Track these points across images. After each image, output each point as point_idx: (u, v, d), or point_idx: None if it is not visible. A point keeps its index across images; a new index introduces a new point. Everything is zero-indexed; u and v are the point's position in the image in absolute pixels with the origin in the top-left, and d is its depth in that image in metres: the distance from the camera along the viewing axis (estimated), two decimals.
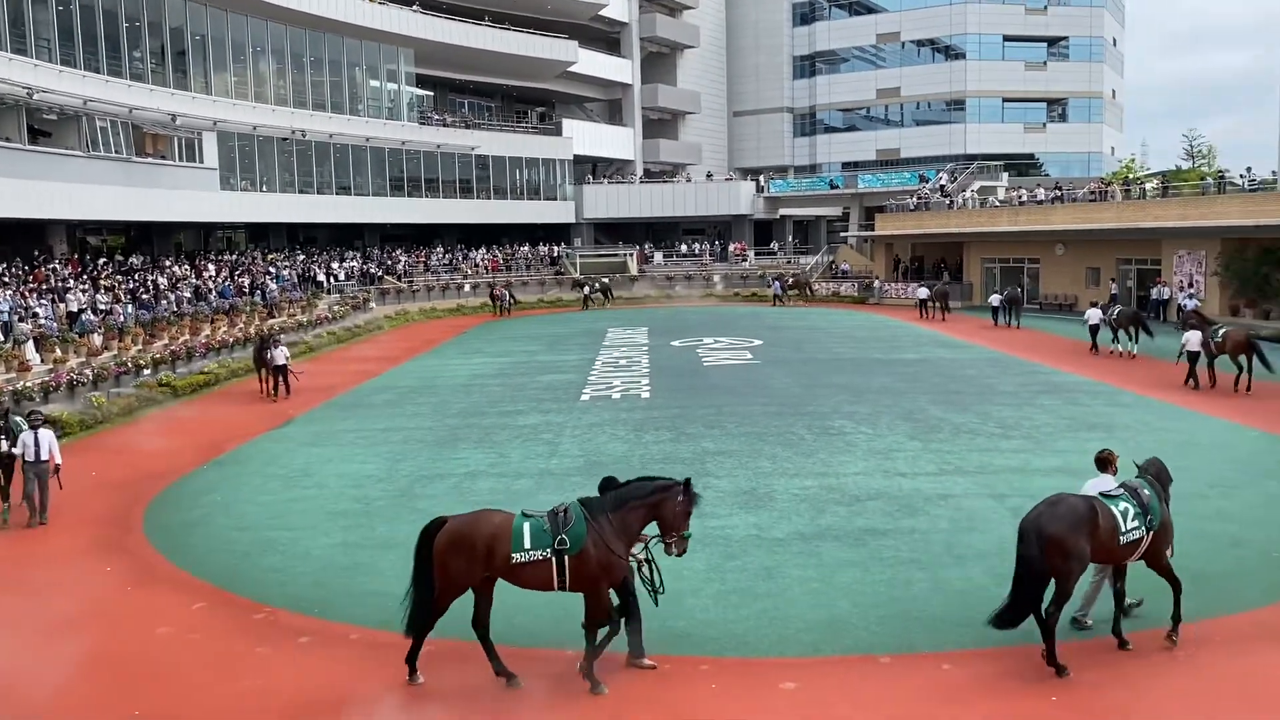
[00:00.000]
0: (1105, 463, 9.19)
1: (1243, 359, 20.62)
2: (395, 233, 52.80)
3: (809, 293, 49.00)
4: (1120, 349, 26.87)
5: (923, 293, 40.59)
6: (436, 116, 51.97)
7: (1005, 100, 64.35)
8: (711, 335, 34.17)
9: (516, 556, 7.89)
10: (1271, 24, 31.94)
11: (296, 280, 40.20)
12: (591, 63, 57.87)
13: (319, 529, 12.78)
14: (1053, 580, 8.03)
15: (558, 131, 57.34)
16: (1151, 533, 8.43)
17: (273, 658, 9.00)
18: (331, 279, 42.45)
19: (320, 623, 9.75)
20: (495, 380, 25.23)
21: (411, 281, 46.60)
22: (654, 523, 8.08)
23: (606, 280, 49.35)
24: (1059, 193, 43.29)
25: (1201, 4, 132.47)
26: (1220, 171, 40.64)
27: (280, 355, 23.41)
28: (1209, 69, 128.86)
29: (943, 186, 50.31)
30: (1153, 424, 17.91)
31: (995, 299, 36.90)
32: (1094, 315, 28.10)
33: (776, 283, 48.39)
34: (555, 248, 55.39)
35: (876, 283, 49.06)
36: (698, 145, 66.37)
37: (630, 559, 8.11)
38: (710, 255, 56.86)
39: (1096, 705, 7.55)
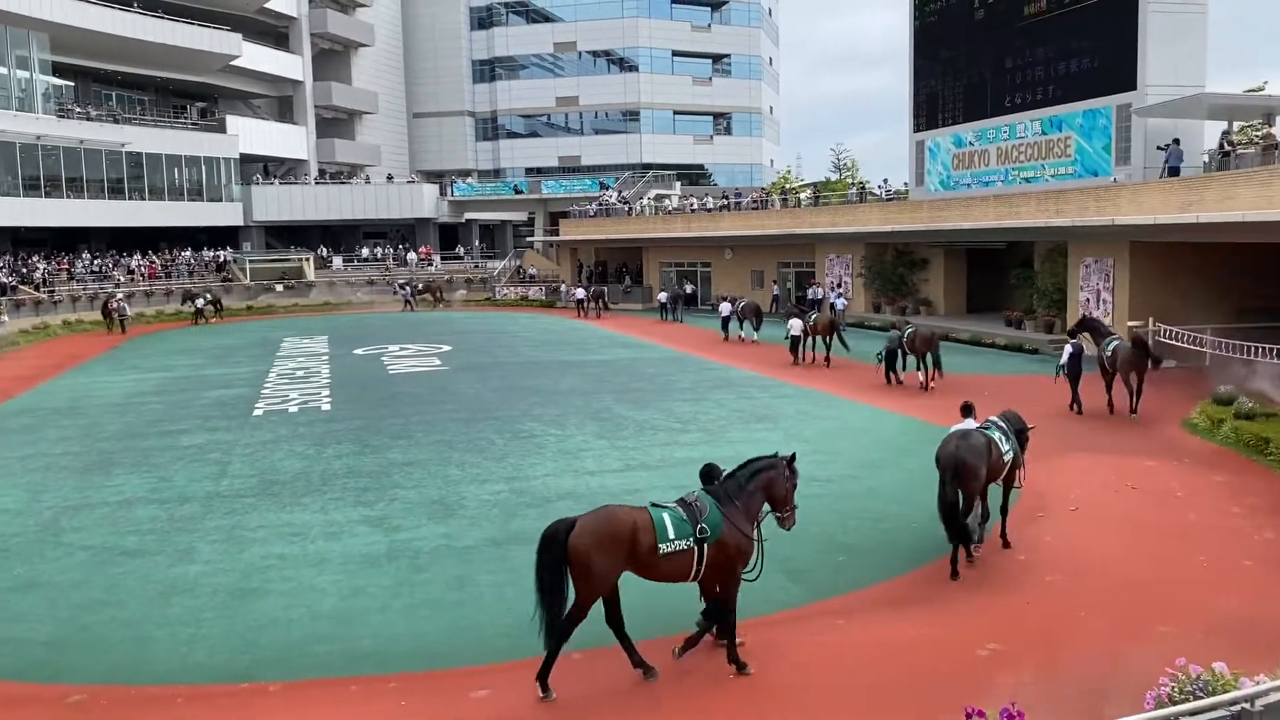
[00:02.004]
0: (969, 409, 11.60)
1: (826, 339, 26.11)
2: (31, 237, 47.18)
3: (439, 297, 49.24)
4: (745, 336, 32.05)
5: (579, 293, 44.23)
6: (79, 109, 47.02)
7: (676, 112, 67.92)
8: (398, 342, 33.38)
9: (663, 547, 7.85)
10: (903, 51, 36.53)
11: None
12: (258, 57, 54.78)
13: None
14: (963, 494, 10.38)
15: (221, 128, 53.71)
16: (1013, 455, 10.97)
17: None
18: None
19: None
20: (155, 398, 23.16)
21: (53, 292, 41.81)
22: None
23: (215, 292, 46.28)
24: (726, 201, 46.22)
25: (847, 28, 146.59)
26: (862, 183, 45.06)
27: None
28: (853, 89, 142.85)
29: (616, 195, 52.23)
30: (811, 413, 19.51)
31: (662, 297, 41.29)
32: (725, 308, 33.29)
33: (406, 287, 48.38)
34: (222, 253, 51.87)
35: (563, 287, 50.11)
36: (377, 147, 64.62)
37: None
38: (394, 259, 55.59)
39: (772, 679, 8.02)
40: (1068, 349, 18.96)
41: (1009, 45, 30.02)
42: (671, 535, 7.88)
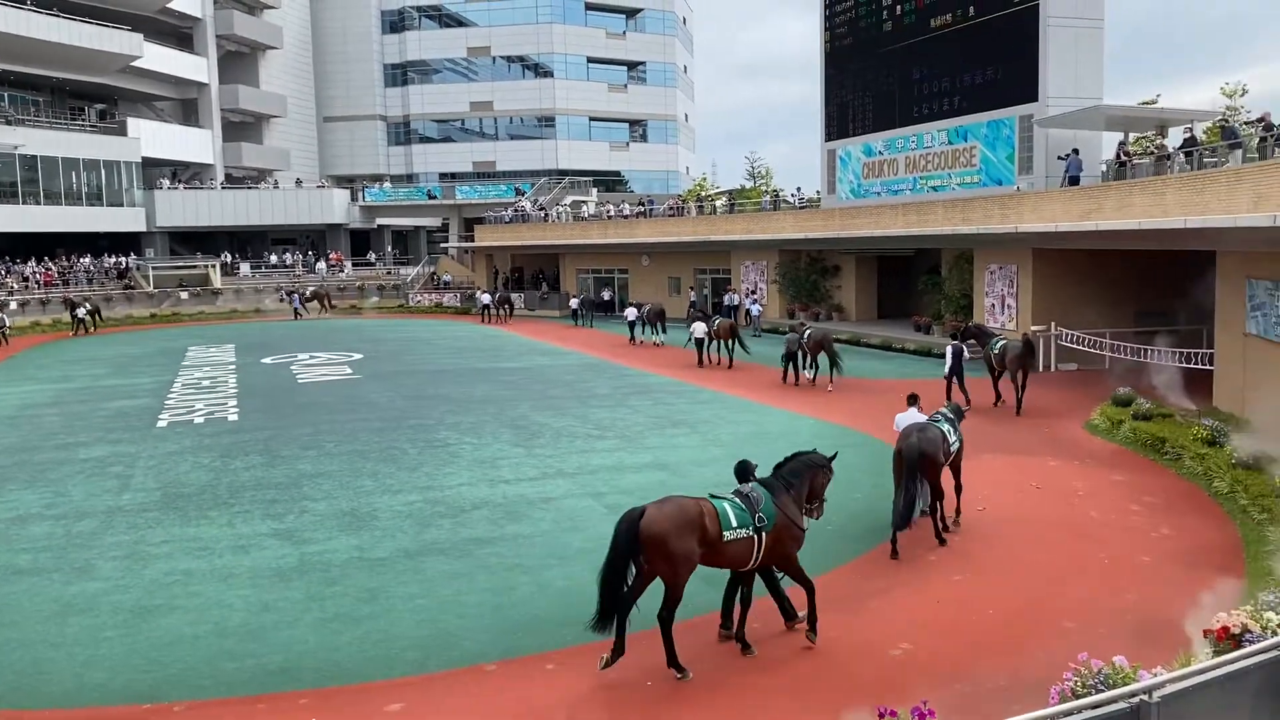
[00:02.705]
0: (915, 399, 13.12)
1: (728, 343, 27.14)
2: None
3: (328, 304, 48.54)
4: (654, 339, 33.13)
5: (485, 299, 45.01)
6: None
7: (592, 119, 67.90)
8: (307, 350, 32.69)
9: (727, 535, 8.22)
10: (814, 61, 37.16)
11: None
12: (160, 58, 53.17)
13: None
14: (926, 481, 11.31)
15: (122, 131, 51.98)
16: (959, 445, 11.91)
17: None
18: None
19: None
20: (51, 409, 22.27)
21: None
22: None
23: (96, 302, 44.14)
24: (642, 208, 46.38)
25: (759, 38, 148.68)
26: (776, 190, 45.65)
27: None
28: (766, 97, 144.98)
29: (530, 203, 51.95)
30: (728, 418, 19.66)
31: (574, 303, 42.01)
32: (631, 313, 34.22)
33: (295, 295, 47.53)
34: (124, 259, 50.16)
35: (477, 293, 49.68)
36: (286, 151, 63.27)
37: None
38: (303, 266, 54.47)
39: (690, 680, 8.04)
40: (949, 350, 20.17)
41: (916, 57, 30.72)
42: (734, 524, 8.29)
